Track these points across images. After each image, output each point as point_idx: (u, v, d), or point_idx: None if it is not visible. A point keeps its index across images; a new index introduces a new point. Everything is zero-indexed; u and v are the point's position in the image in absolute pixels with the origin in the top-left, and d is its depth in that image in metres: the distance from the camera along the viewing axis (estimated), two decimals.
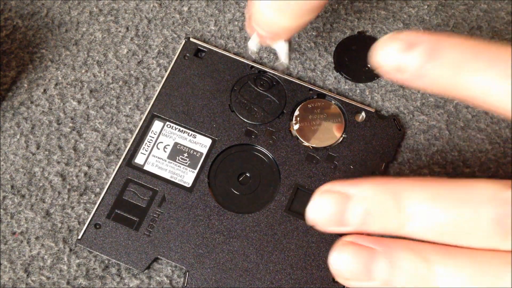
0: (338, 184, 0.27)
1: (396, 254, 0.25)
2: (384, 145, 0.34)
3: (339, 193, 0.27)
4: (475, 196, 0.25)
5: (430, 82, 0.26)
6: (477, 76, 0.25)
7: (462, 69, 0.25)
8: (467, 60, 0.26)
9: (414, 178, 0.26)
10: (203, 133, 0.34)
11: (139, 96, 0.36)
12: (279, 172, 0.34)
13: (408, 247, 0.26)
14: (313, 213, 0.27)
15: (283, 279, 0.31)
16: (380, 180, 0.27)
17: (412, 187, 0.26)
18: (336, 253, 0.26)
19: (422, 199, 0.25)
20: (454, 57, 0.26)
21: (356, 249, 0.26)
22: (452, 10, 0.38)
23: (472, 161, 0.34)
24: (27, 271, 0.32)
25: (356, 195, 0.26)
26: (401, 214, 0.25)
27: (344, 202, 0.26)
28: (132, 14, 0.38)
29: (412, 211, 0.25)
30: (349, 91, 0.36)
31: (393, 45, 0.26)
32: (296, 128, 0.34)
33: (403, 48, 0.26)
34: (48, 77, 0.36)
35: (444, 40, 0.26)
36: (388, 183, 0.26)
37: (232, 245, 0.32)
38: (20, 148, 0.35)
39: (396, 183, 0.26)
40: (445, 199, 0.25)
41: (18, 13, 0.38)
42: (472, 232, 0.25)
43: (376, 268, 0.25)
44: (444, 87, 0.26)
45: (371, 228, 0.26)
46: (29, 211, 0.33)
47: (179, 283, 0.32)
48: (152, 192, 0.33)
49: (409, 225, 0.26)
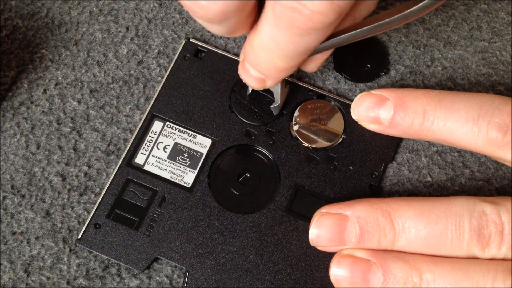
0: (334, 207, 0.30)
1: (390, 264, 0.28)
2: (384, 146, 0.34)
3: (336, 215, 0.30)
4: (456, 211, 0.28)
5: (403, 130, 0.31)
6: (440, 122, 0.30)
7: (427, 117, 0.30)
8: (430, 109, 0.30)
9: (401, 198, 0.30)
10: (203, 133, 0.34)
11: (139, 96, 0.36)
12: (279, 173, 0.34)
13: (400, 258, 0.29)
14: (314, 236, 0.30)
15: (283, 279, 0.31)
16: (371, 200, 0.30)
17: (401, 206, 0.29)
18: (335, 265, 0.29)
19: (410, 216, 0.29)
20: (419, 107, 0.30)
21: (353, 261, 0.29)
22: (452, 10, 0.39)
23: (472, 161, 0.34)
24: (27, 271, 0.32)
25: (352, 215, 0.29)
26: (393, 230, 0.29)
27: (342, 223, 0.29)
28: (132, 14, 0.38)
29: (402, 227, 0.29)
30: (349, 91, 0.36)
31: (368, 99, 0.32)
32: (296, 129, 0.34)
33: (377, 101, 0.31)
34: (48, 77, 0.36)
35: (409, 92, 0.31)
36: (379, 203, 0.30)
37: (232, 245, 0.32)
38: (20, 148, 0.35)
39: (386, 203, 0.29)
40: (429, 214, 0.29)
41: (18, 13, 0.38)
42: (455, 243, 0.28)
43: (373, 278, 0.29)
44: (416, 133, 0.31)
45: (368, 244, 0.29)
46: (29, 211, 0.33)
47: (179, 283, 0.32)
48: (152, 192, 0.33)
49: (400, 240, 0.29)
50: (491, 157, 0.31)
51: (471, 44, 0.38)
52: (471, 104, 0.30)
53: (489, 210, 0.28)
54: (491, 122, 0.29)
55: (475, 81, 0.36)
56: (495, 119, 0.29)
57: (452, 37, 0.38)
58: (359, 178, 0.33)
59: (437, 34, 0.38)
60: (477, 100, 0.30)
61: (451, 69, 0.37)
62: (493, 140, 0.29)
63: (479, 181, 0.34)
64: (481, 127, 0.29)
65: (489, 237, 0.28)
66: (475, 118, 0.29)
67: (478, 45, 0.38)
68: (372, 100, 0.31)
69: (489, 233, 0.28)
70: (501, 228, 0.28)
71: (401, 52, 0.37)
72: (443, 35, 0.38)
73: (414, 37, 0.38)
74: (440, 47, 0.37)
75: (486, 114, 0.29)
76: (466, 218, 0.28)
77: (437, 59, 0.37)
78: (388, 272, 0.28)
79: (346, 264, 0.29)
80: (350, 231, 0.29)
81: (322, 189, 0.33)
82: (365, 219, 0.29)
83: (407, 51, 0.37)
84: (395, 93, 0.31)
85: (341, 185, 0.33)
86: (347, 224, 0.29)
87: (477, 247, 0.28)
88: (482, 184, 0.34)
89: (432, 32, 0.38)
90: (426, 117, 0.30)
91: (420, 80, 0.36)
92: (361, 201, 0.30)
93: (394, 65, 0.37)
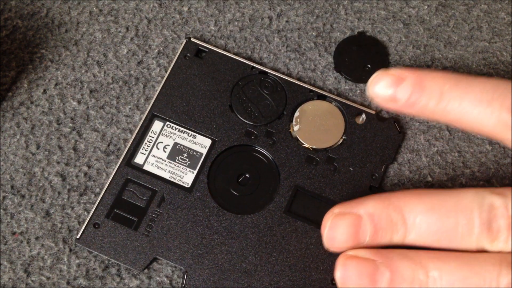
0: (345, 205, 0.30)
1: (396, 263, 0.28)
2: (384, 147, 0.34)
3: (350, 215, 0.29)
4: (466, 204, 0.28)
5: (419, 109, 0.30)
6: (455, 103, 0.29)
7: (443, 98, 0.30)
8: (446, 90, 0.30)
9: (411, 191, 0.30)
10: (203, 133, 0.34)
11: (139, 96, 0.36)
12: (278, 173, 0.34)
13: (405, 256, 0.28)
14: (329, 238, 0.30)
15: (282, 280, 0.31)
16: (382, 195, 0.29)
17: (411, 200, 0.29)
18: (341, 267, 0.29)
19: (421, 211, 0.29)
20: (436, 88, 0.30)
21: (359, 262, 0.29)
22: (452, 11, 0.38)
23: (472, 161, 0.34)
24: (27, 271, 0.32)
25: (365, 214, 0.29)
26: (404, 225, 0.29)
27: (356, 223, 0.29)
28: (132, 14, 0.38)
29: (413, 222, 0.28)
30: (349, 91, 0.36)
31: (386, 79, 0.31)
32: (296, 130, 0.34)
33: (394, 81, 0.31)
34: (48, 77, 0.36)
35: (427, 73, 0.31)
36: (390, 198, 0.29)
37: (231, 246, 0.32)
38: (20, 148, 0.35)
39: (396, 198, 0.29)
40: (440, 208, 0.28)
41: (18, 13, 0.38)
42: (465, 237, 0.28)
43: (380, 278, 0.28)
44: (431, 113, 0.31)
45: (381, 241, 0.29)
46: (29, 211, 0.33)
47: (179, 284, 0.32)
48: (151, 192, 0.33)
49: (411, 235, 0.29)
50: (501, 141, 0.31)
51: (471, 44, 0.37)
52: (486, 87, 0.29)
53: (498, 203, 0.28)
54: (504, 104, 0.29)
55: None
56: (509, 102, 0.29)
57: (452, 37, 0.38)
58: (359, 180, 0.33)
59: (437, 34, 0.38)
60: (493, 83, 0.30)
61: (451, 69, 0.37)
62: (504, 121, 0.29)
63: (480, 181, 0.34)
64: (494, 108, 0.29)
65: (498, 230, 0.28)
66: (489, 100, 0.29)
67: (479, 45, 0.37)
68: (390, 78, 0.31)
69: (498, 227, 0.28)
70: (510, 221, 0.28)
71: (401, 52, 0.37)
72: (443, 35, 0.38)
73: (414, 37, 0.38)
74: (441, 47, 0.37)
75: (500, 97, 0.29)
76: (476, 212, 0.28)
77: (438, 59, 0.37)
78: (395, 271, 0.28)
79: (353, 266, 0.29)
80: (364, 230, 0.29)
81: (322, 190, 0.33)
82: (378, 216, 0.29)
83: (407, 51, 0.37)
84: (413, 72, 0.31)
85: (341, 186, 0.33)
86: (361, 224, 0.29)
87: (487, 240, 0.28)
88: (483, 184, 0.34)
89: (432, 32, 0.38)
90: (442, 97, 0.30)
91: None
92: (372, 198, 0.30)
93: (394, 65, 0.37)
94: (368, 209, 0.29)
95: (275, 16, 0.38)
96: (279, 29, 0.38)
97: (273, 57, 0.37)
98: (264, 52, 0.37)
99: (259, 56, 0.37)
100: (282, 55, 0.37)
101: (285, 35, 0.38)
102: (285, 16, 0.38)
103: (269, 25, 0.38)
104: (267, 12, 0.38)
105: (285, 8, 0.38)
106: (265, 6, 0.38)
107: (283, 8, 0.38)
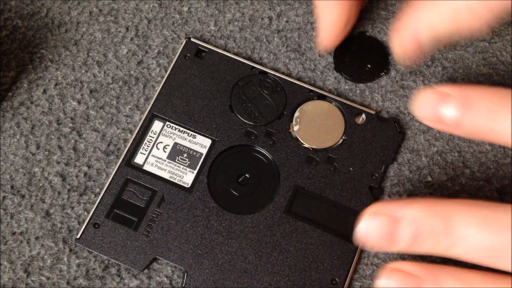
0: (387, 205, 0.28)
1: (443, 282, 0.26)
2: (384, 148, 0.34)
3: (389, 215, 0.27)
4: None
5: (468, 130, 0.28)
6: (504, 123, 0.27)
7: (494, 117, 0.27)
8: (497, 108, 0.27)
9: (461, 201, 0.27)
10: (203, 133, 0.34)
11: (139, 96, 0.36)
12: (278, 174, 0.34)
13: (454, 275, 0.26)
14: (363, 234, 0.28)
15: (282, 281, 0.31)
16: (431, 201, 0.27)
17: (463, 211, 0.27)
18: (384, 280, 0.27)
19: (472, 224, 0.26)
20: (485, 106, 0.27)
21: (403, 277, 0.27)
22: None
23: (472, 161, 0.34)
24: (27, 271, 0.32)
25: (407, 216, 0.27)
26: (451, 237, 0.26)
27: (394, 224, 0.27)
28: (132, 14, 0.38)
29: (461, 235, 0.26)
30: (349, 91, 0.36)
31: (430, 97, 0.29)
32: (296, 130, 0.34)
33: (439, 99, 0.28)
34: (48, 77, 0.36)
35: (475, 90, 0.28)
36: (439, 205, 0.27)
37: (231, 246, 0.32)
38: (20, 148, 0.35)
39: (447, 206, 0.27)
40: (494, 224, 0.26)
41: (18, 13, 0.38)
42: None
43: None
44: (482, 134, 0.28)
45: (420, 249, 0.27)
46: (29, 211, 0.33)
47: (179, 284, 0.32)
48: (151, 192, 0.33)
49: (457, 248, 0.26)
50: None
51: (471, 44, 0.37)
52: None
53: None
54: None
55: (476, 81, 0.36)
56: None
57: None
58: (359, 180, 0.33)
59: None
60: None
61: (451, 69, 0.37)
62: None
63: (480, 181, 0.34)
64: None
65: None
66: None
67: (479, 45, 0.37)
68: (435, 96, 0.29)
69: None
70: None
71: None
72: None
73: None
74: (440, 47, 0.37)
75: None
76: None
77: (438, 59, 0.37)
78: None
79: (396, 279, 0.27)
80: (402, 233, 0.27)
81: (322, 191, 0.33)
82: (421, 222, 0.27)
83: None
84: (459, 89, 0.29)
85: (341, 186, 0.33)
86: (399, 226, 0.27)
87: None
88: (483, 184, 0.34)
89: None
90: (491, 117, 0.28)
91: (421, 81, 0.36)
92: (419, 201, 0.28)
93: (394, 65, 0.37)
94: (411, 213, 0.27)
95: (275, 16, 0.38)
96: (279, 29, 0.38)
97: (273, 57, 0.37)
98: (264, 52, 0.37)
99: (259, 56, 0.37)
100: (282, 55, 0.37)
101: (285, 35, 0.38)
102: (285, 16, 0.38)
103: (269, 25, 0.38)
104: (267, 12, 0.38)
105: (285, 8, 0.38)
106: (265, 6, 0.38)
107: (283, 8, 0.38)
